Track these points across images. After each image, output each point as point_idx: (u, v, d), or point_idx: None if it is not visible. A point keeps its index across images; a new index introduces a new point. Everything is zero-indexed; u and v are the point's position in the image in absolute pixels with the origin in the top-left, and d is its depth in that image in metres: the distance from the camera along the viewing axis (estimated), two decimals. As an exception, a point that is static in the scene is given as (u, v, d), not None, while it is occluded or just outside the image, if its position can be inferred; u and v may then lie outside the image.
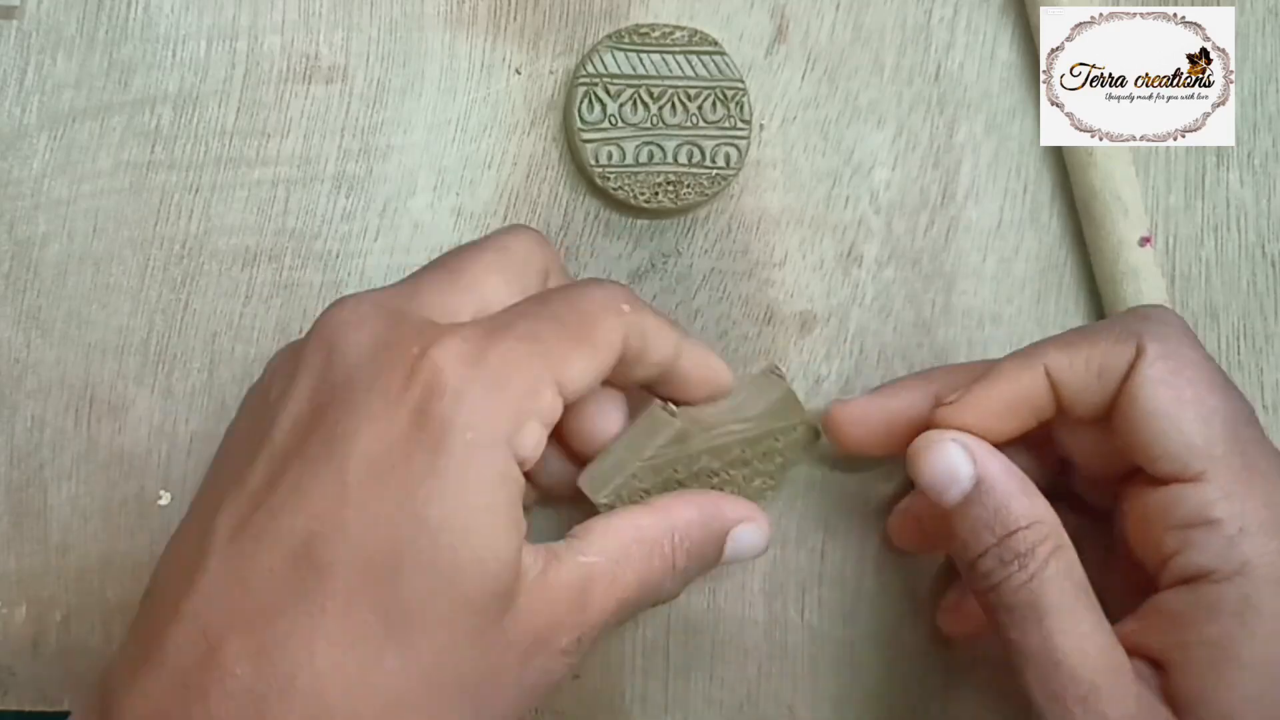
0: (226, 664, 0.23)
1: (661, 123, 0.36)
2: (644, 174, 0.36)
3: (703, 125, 0.36)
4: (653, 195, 0.36)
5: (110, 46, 0.37)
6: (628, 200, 0.36)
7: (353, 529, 0.24)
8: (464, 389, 0.25)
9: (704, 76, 0.36)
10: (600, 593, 0.27)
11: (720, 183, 0.36)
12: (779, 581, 0.36)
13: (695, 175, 0.36)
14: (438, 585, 0.24)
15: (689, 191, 0.36)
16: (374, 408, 0.25)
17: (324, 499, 0.24)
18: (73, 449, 0.36)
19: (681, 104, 0.36)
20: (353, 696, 0.23)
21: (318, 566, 0.24)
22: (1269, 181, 0.38)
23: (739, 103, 0.36)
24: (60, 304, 0.37)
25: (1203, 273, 0.37)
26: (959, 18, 0.38)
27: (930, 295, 0.37)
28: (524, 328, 0.27)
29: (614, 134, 0.36)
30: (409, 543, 0.24)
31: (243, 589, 0.24)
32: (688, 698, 0.36)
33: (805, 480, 0.37)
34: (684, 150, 0.36)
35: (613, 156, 0.36)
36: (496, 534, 0.25)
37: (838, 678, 0.36)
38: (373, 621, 0.24)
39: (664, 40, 0.36)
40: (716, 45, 0.36)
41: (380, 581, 0.24)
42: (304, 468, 0.25)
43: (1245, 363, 0.37)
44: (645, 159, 0.36)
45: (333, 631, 0.24)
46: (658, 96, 0.36)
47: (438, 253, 0.37)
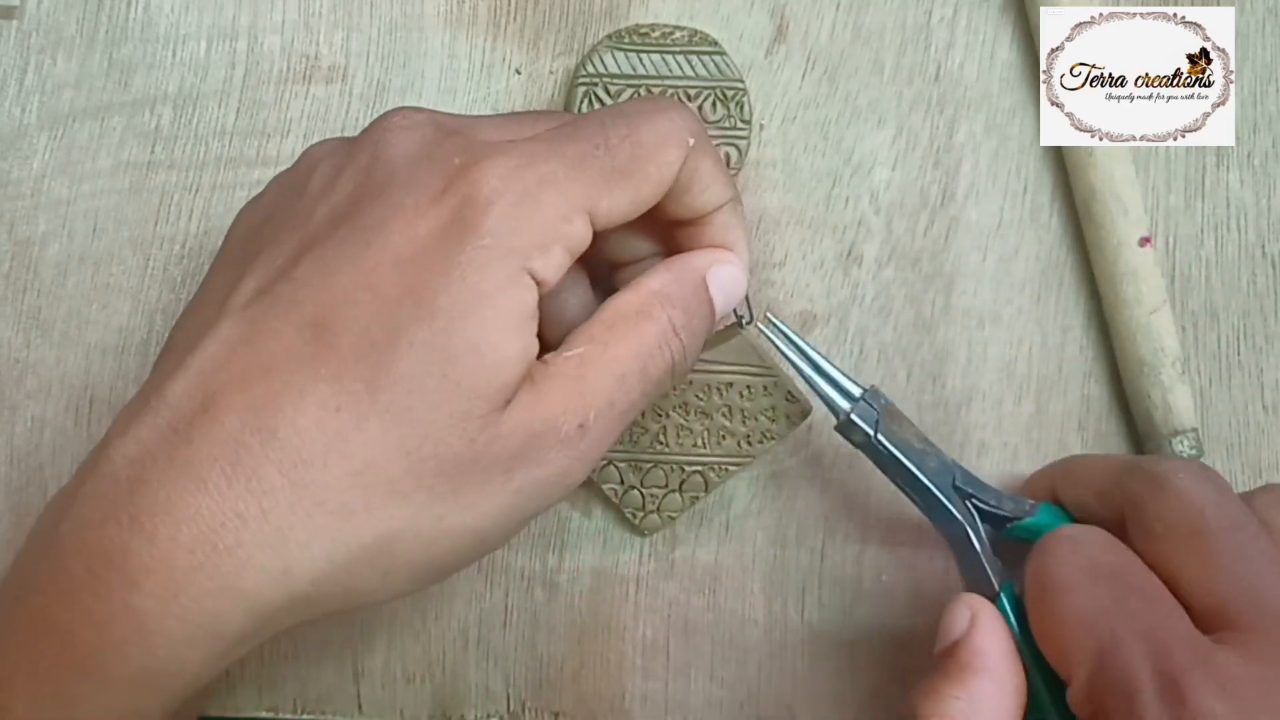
0: (218, 414, 0.24)
1: None
2: None
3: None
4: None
5: (110, 46, 0.37)
6: None
7: (362, 307, 0.25)
8: (495, 201, 0.25)
9: (704, 76, 0.36)
10: (595, 372, 0.27)
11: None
12: (779, 581, 0.36)
13: None
14: (430, 365, 0.25)
15: None
16: (408, 206, 0.26)
17: (343, 280, 0.25)
18: (73, 449, 0.36)
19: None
20: (329, 455, 0.24)
21: (323, 337, 0.25)
22: (1269, 181, 0.38)
23: (739, 103, 0.36)
24: (60, 304, 0.37)
25: (1203, 273, 0.37)
26: (959, 18, 0.38)
27: (930, 295, 0.37)
28: (573, 152, 0.27)
29: None
30: (409, 321, 0.25)
31: (248, 349, 0.25)
32: (688, 698, 0.36)
33: (805, 480, 0.37)
34: None
35: None
36: (497, 330, 0.25)
37: (838, 678, 0.36)
38: (361, 390, 0.24)
39: (664, 40, 0.36)
40: (716, 45, 0.36)
41: (376, 354, 0.24)
42: (331, 250, 0.26)
43: (1245, 363, 0.37)
44: None
45: (323, 394, 0.24)
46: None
47: (438, 253, 0.37)
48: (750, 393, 0.35)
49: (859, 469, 0.36)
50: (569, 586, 0.36)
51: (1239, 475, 0.37)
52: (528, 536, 0.36)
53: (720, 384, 0.35)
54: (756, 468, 0.36)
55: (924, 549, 0.36)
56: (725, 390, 0.35)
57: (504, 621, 0.36)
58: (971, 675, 0.27)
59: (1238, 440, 0.37)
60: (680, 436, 0.35)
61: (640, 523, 0.35)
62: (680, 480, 0.35)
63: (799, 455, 0.37)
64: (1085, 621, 0.26)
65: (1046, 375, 0.37)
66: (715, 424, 0.35)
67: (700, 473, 0.35)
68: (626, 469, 0.35)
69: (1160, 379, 0.35)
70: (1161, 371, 0.35)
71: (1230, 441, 0.37)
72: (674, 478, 0.35)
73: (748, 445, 0.35)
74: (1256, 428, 0.37)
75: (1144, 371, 0.35)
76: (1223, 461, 0.37)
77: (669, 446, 0.35)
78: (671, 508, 0.35)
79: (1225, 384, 0.37)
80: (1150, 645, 0.25)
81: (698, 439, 0.35)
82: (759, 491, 0.37)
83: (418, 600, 0.36)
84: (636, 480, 0.35)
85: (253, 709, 0.36)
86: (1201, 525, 0.27)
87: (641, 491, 0.35)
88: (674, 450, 0.35)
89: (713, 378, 0.35)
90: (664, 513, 0.35)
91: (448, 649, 0.36)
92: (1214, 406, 0.37)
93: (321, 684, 0.36)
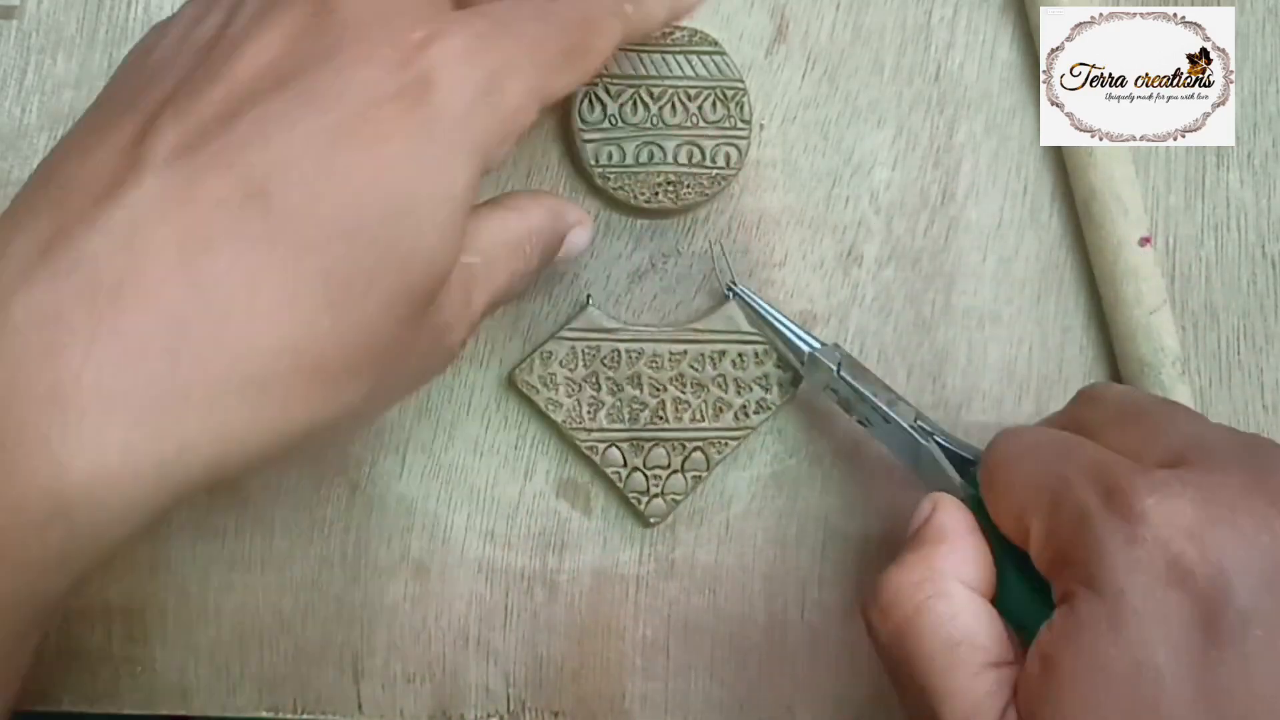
0: (153, 282, 0.22)
1: (661, 123, 0.36)
2: (644, 174, 0.36)
3: (703, 125, 0.36)
4: (653, 195, 0.36)
5: (110, 46, 0.37)
6: (628, 200, 0.36)
7: (318, 184, 0.23)
8: (459, 89, 0.25)
9: (704, 76, 0.36)
10: (479, 291, 0.28)
11: (720, 183, 0.36)
12: (779, 581, 0.36)
13: (695, 175, 0.36)
14: (388, 268, 0.24)
15: (689, 191, 0.36)
16: (363, 77, 0.24)
17: (292, 148, 0.23)
18: (73, 449, 0.36)
19: (681, 104, 0.36)
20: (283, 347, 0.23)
21: (274, 210, 0.23)
22: (1269, 181, 0.38)
23: (739, 103, 0.36)
24: (60, 304, 0.37)
25: (1203, 273, 0.37)
26: (959, 18, 0.38)
27: (930, 295, 0.37)
28: (530, 33, 0.27)
29: (614, 134, 0.36)
30: (371, 217, 0.24)
31: (183, 214, 0.23)
32: (688, 698, 0.36)
33: (805, 480, 0.37)
34: (684, 150, 0.36)
35: (613, 156, 0.36)
36: (450, 225, 0.25)
37: (838, 678, 0.36)
38: (318, 285, 0.23)
39: (664, 40, 0.36)
40: (716, 45, 0.36)
41: (334, 244, 0.23)
42: (274, 112, 0.24)
43: (1245, 363, 0.37)
44: (645, 159, 0.36)
45: (275, 280, 0.23)
46: (658, 96, 0.36)
47: (438, 252, 0.37)
48: (742, 361, 0.35)
49: (859, 469, 0.36)
50: (569, 586, 0.36)
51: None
52: (528, 536, 0.36)
53: (713, 353, 0.35)
54: (756, 468, 0.36)
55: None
56: (718, 360, 0.35)
57: (504, 621, 0.36)
58: (933, 546, 0.28)
59: (1238, 440, 0.37)
60: (679, 410, 0.35)
61: (645, 508, 0.35)
62: (682, 459, 0.35)
63: (799, 455, 0.37)
64: (1035, 478, 0.27)
65: (1046, 375, 0.37)
66: (712, 396, 0.35)
67: (701, 448, 0.35)
68: (628, 449, 0.35)
69: (1160, 379, 0.35)
70: (1161, 371, 0.35)
71: (1230, 441, 0.37)
72: (675, 456, 0.35)
73: (745, 417, 0.35)
74: (1256, 428, 0.37)
75: (1144, 371, 0.35)
76: (1223, 461, 0.37)
77: (668, 421, 0.35)
78: (675, 489, 0.35)
79: (1225, 384, 0.37)
80: (1097, 473, 0.26)
81: (695, 412, 0.35)
82: (759, 491, 0.37)
83: (418, 600, 0.36)
84: (639, 460, 0.35)
85: (253, 709, 0.36)
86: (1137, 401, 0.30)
87: (644, 473, 0.35)
88: (673, 425, 0.35)
89: (706, 347, 0.36)
90: (668, 495, 0.35)
91: (448, 649, 0.36)
92: (1214, 406, 0.37)
93: (321, 684, 0.36)
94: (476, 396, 0.36)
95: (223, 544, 0.36)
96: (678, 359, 0.36)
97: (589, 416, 0.35)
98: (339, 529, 0.36)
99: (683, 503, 0.36)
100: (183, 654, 0.36)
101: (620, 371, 0.35)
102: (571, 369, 0.35)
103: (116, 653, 0.36)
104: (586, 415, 0.35)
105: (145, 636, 0.36)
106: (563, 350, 0.35)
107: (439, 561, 0.36)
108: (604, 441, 0.35)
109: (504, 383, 0.36)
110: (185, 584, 0.36)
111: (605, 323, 0.36)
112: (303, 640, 0.36)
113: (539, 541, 0.36)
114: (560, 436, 0.36)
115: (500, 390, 0.36)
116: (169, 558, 0.36)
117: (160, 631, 0.36)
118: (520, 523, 0.36)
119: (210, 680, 0.36)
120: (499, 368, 0.36)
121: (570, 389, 0.35)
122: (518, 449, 0.37)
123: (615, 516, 0.36)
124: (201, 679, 0.36)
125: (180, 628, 0.36)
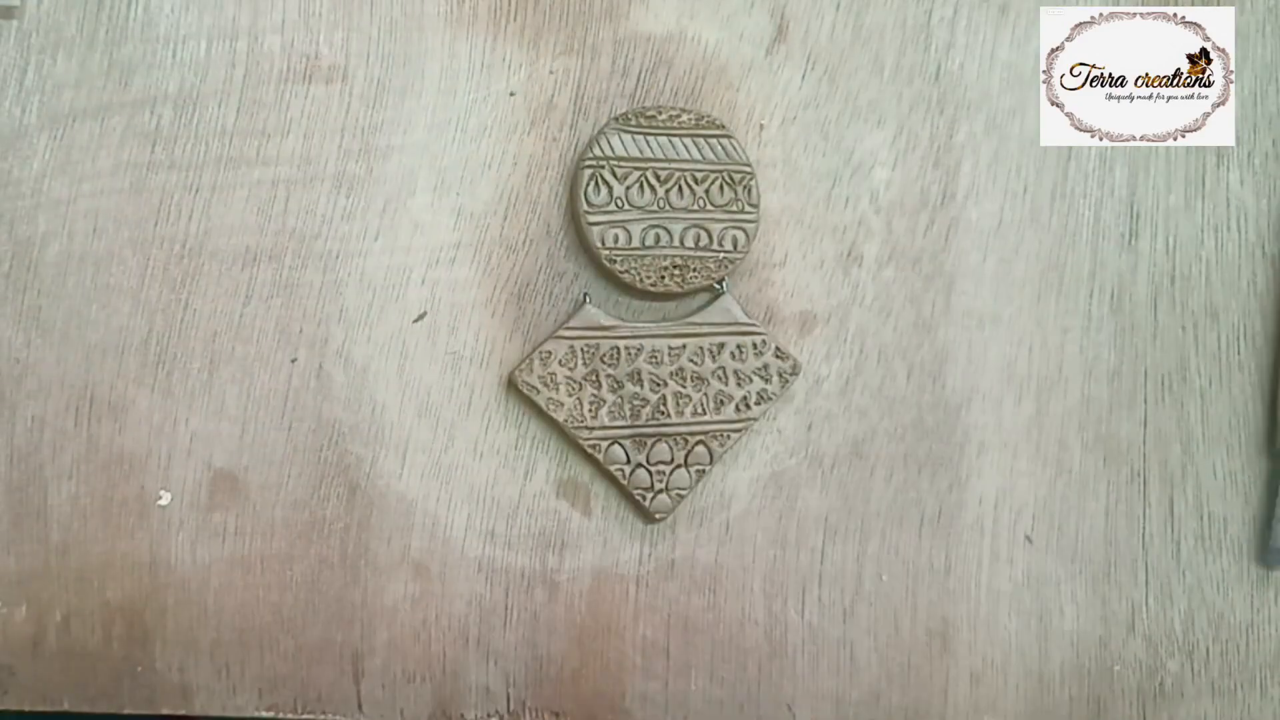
0: None
1: (668, 205, 0.36)
2: (650, 257, 0.36)
3: (710, 209, 0.36)
4: (659, 279, 0.36)
5: (110, 46, 0.37)
6: (634, 284, 0.36)
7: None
8: None
9: (711, 160, 0.36)
10: None
11: (727, 266, 0.36)
12: (779, 581, 0.36)
13: (702, 259, 0.36)
14: None
15: (695, 276, 0.36)
16: None
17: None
18: (73, 449, 0.36)
19: (689, 187, 0.36)
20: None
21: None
22: (1269, 181, 0.38)
23: (747, 186, 0.36)
24: (60, 304, 0.37)
25: (1203, 273, 0.37)
26: (959, 18, 0.38)
27: (930, 295, 0.37)
28: None
29: (620, 216, 0.36)
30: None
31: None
32: (688, 698, 0.36)
33: (805, 480, 0.37)
34: (691, 233, 0.36)
35: (619, 239, 0.36)
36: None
37: (838, 678, 0.36)
38: None
39: (670, 123, 0.36)
40: (723, 129, 0.36)
41: None
42: None
43: (1245, 363, 0.37)
44: (652, 242, 0.36)
45: None
46: (664, 179, 0.36)
47: (438, 252, 0.37)
48: (741, 353, 0.36)
49: (859, 469, 0.36)
50: (569, 586, 0.36)
51: (1239, 475, 0.37)
52: (528, 536, 0.36)
53: (712, 346, 0.36)
54: (756, 468, 0.36)
55: (924, 549, 0.36)
56: (718, 352, 0.36)
57: (504, 621, 0.36)
58: None
59: (1238, 440, 0.37)
60: (680, 405, 0.35)
61: (650, 504, 0.35)
62: (685, 453, 0.35)
63: (799, 455, 0.37)
64: None
65: (1046, 375, 0.37)
66: (712, 389, 0.36)
67: (703, 442, 0.35)
68: (631, 446, 0.35)
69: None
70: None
71: (1230, 443, 0.37)
72: (678, 451, 0.35)
73: (746, 409, 0.36)
74: (1256, 427, 0.37)
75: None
76: (1222, 462, 0.37)
77: (669, 416, 0.35)
78: (679, 484, 0.35)
79: (1225, 384, 0.37)
80: None
81: (697, 406, 0.36)
82: (759, 491, 0.37)
83: (418, 600, 0.36)
84: (642, 457, 0.35)
85: (253, 709, 0.36)
86: None
87: (648, 469, 0.35)
88: (675, 420, 0.35)
89: (704, 340, 0.36)
90: (672, 490, 0.35)
91: (448, 649, 0.36)
92: (1214, 406, 0.37)
93: (321, 684, 0.36)
94: (476, 396, 0.37)
95: (223, 544, 0.36)
96: (677, 353, 0.36)
97: (590, 415, 0.35)
98: (339, 529, 0.36)
99: (686, 498, 0.36)
100: (183, 654, 0.36)
101: (620, 368, 0.35)
102: (571, 368, 0.35)
103: (116, 653, 0.36)
104: (588, 413, 0.35)
105: (145, 636, 0.36)
106: (562, 349, 0.35)
107: (439, 561, 0.36)
108: (606, 439, 0.35)
109: (504, 383, 0.36)
110: (185, 584, 0.36)
111: (603, 320, 0.36)
112: (303, 640, 0.36)
113: (539, 541, 0.36)
114: (562, 436, 0.36)
115: (500, 390, 0.37)
116: (169, 558, 0.36)
117: (160, 631, 0.36)
118: (520, 522, 0.36)
119: (210, 680, 0.36)
120: (499, 368, 0.36)
121: (571, 388, 0.35)
122: (518, 449, 0.37)
123: (615, 516, 0.36)
124: (202, 679, 0.36)
125: (180, 628, 0.36)
